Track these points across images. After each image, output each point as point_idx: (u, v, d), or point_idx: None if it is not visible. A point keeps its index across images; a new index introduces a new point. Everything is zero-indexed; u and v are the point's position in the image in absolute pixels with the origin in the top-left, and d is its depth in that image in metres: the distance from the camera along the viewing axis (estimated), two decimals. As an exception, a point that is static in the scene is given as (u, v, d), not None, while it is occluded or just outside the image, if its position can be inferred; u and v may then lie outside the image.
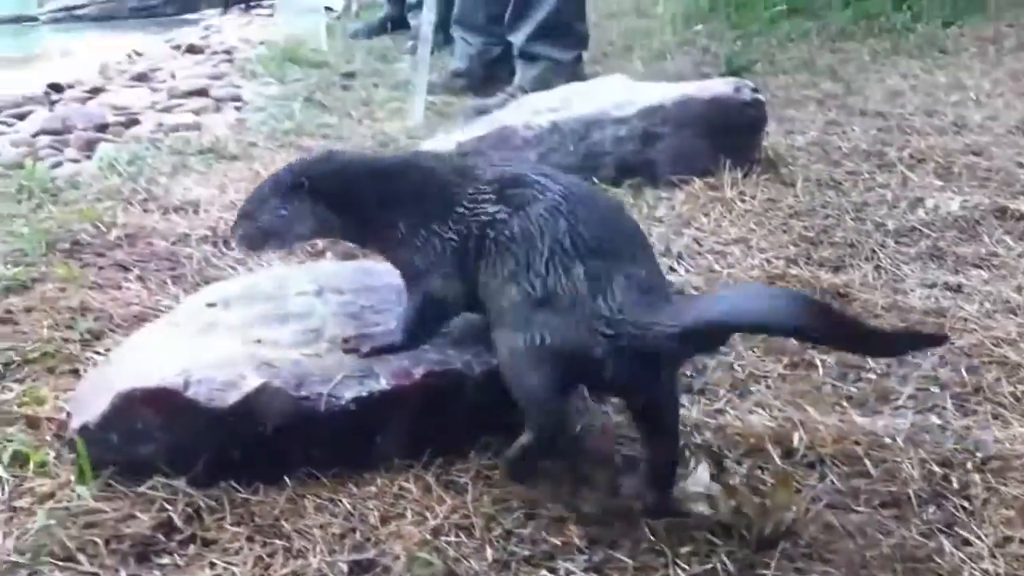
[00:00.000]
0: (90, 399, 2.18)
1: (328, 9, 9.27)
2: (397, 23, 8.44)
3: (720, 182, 3.80)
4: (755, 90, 4.00)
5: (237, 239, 2.33)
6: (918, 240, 3.39)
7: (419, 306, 2.23)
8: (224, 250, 3.35)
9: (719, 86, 4.01)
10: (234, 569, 1.91)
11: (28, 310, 2.91)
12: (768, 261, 3.20)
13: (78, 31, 11.15)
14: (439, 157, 2.46)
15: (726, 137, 3.91)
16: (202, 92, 5.93)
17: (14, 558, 1.92)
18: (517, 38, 5.81)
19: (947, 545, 1.98)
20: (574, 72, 5.70)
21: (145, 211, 3.70)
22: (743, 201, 3.66)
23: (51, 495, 2.09)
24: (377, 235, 2.27)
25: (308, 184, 2.25)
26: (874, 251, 3.27)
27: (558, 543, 1.98)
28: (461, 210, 2.14)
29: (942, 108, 5.09)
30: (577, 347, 1.97)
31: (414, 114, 5.35)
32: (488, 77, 6.16)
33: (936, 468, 2.20)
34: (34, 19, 12.01)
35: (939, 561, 1.94)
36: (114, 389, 2.11)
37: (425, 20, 5.56)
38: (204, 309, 2.42)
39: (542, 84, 5.47)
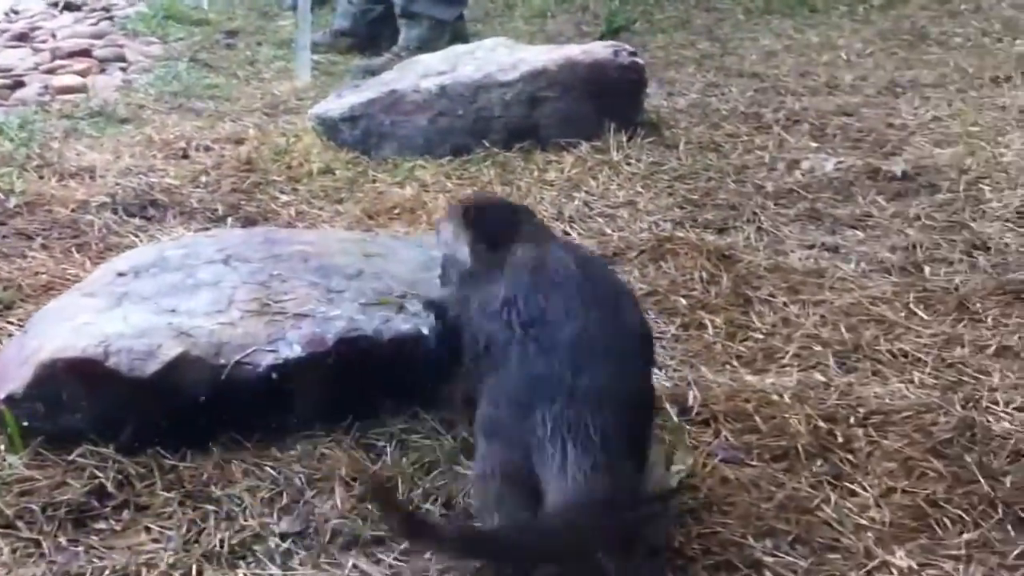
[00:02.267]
0: (12, 370, 2.21)
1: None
2: (275, -22, 8.37)
3: (606, 145, 3.87)
4: (633, 53, 4.08)
5: None
6: (796, 202, 3.49)
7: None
8: (125, 217, 3.39)
9: (599, 49, 4.07)
10: (169, 533, 1.96)
11: (-67, 279, 2.93)
12: (656, 224, 3.30)
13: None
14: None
15: (609, 100, 3.98)
16: (86, 52, 5.85)
17: (-48, 527, 1.96)
18: (398, -3, 5.80)
19: (834, 496, 2.07)
20: (457, 31, 5.73)
21: (41, 178, 3.71)
22: (629, 164, 3.75)
23: (-19, 464, 2.13)
24: None
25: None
26: (755, 213, 3.37)
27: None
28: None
29: (815, 69, 5.21)
30: None
31: (301, 75, 5.37)
32: (372, 36, 6.16)
33: (822, 423, 2.29)
34: (-103, -26, 11.66)
35: (827, 511, 2.03)
36: (35, 359, 2.16)
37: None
38: (115, 279, 2.45)
39: (426, 43, 5.52)
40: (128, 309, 2.30)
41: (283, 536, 1.97)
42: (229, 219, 3.38)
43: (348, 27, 6.24)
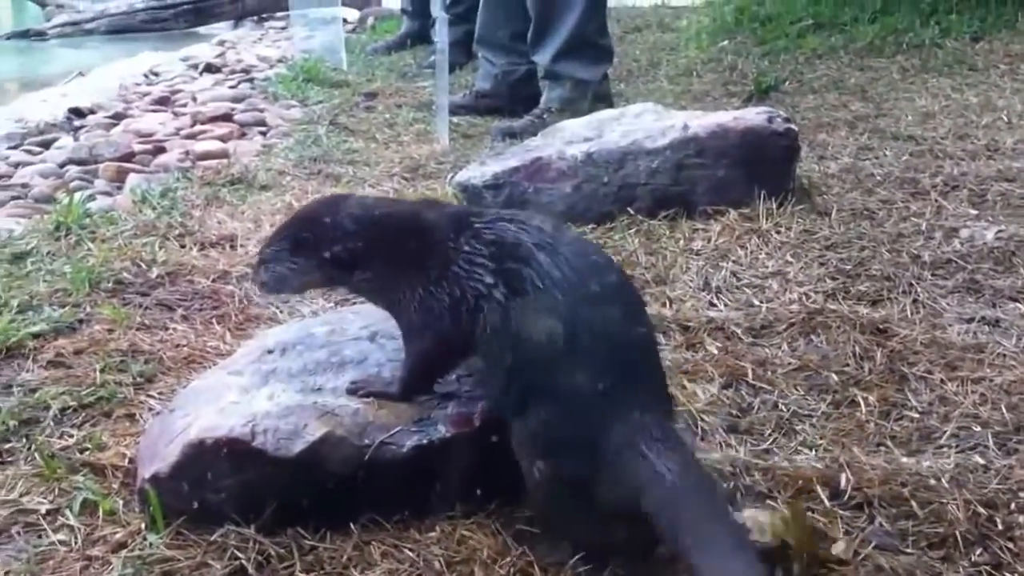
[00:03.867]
0: (158, 448, 2.21)
1: (344, 21, 9.22)
2: (416, 38, 8.44)
3: (755, 213, 3.79)
4: (787, 119, 3.99)
5: (257, 284, 2.40)
6: (954, 272, 3.37)
7: (416, 362, 2.24)
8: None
9: (752, 116, 3.99)
10: None
11: (78, 352, 2.95)
12: (806, 295, 3.21)
13: (88, 46, 11.11)
14: (441, 208, 2.36)
15: (760, 167, 3.89)
16: (227, 117, 5.96)
17: (96, 607, 1.96)
18: (541, 58, 5.78)
19: (994, 587, 1.98)
20: (600, 91, 5.70)
21: (182, 247, 3.74)
22: (779, 232, 3.67)
23: (124, 544, 2.13)
24: (378, 291, 2.29)
25: (312, 239, 2.25)
26: (911, 284, 3.26)
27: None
28: (456, 271, 2.13)
29: (974, 131, 5.03)
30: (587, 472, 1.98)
31: (440, 138, 5.36)
32: (513, 97, 6.16)
33: (981, 509, 2.19)
34: (42, 35, 11.95)
35: (987, 603, 1.93)
36: (183, 438, 2.15)
37: (440, 46, 5.53)
38: (263, 356, 2.44)
39: (568, 104, 5.51)
40: (275, 387, 2.29)
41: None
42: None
43: (489, 88, 6.25)
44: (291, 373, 2.35)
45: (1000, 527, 2.15)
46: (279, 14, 11.79)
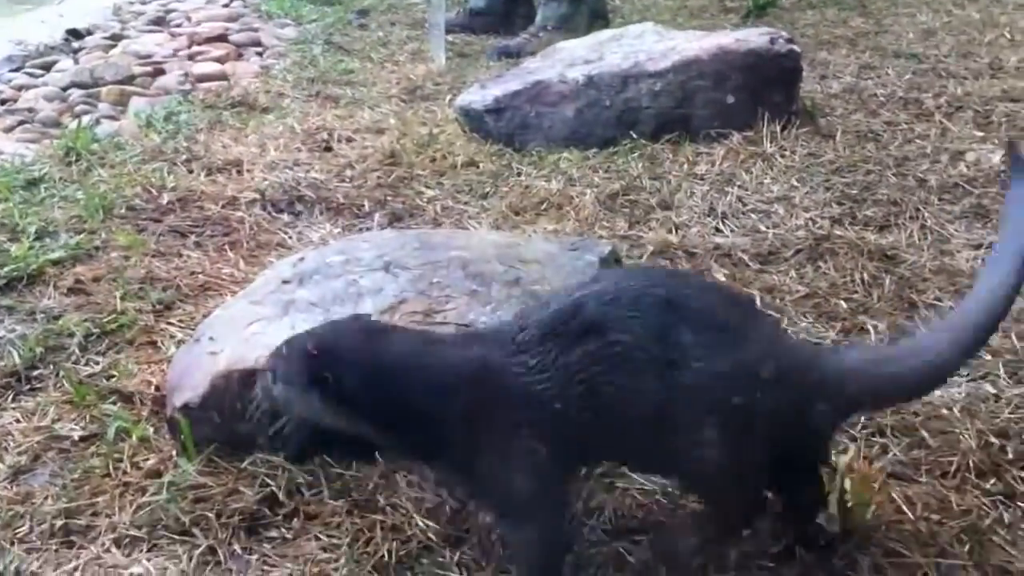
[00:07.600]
0: (185, 378, 2.25)
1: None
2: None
3: (759, 136, 3.77)
4: (790, 40, 3.95)
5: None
6: (961, 197, 3.35)
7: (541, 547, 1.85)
8: (273, 214, 3.40)
9: (754, 37, 3.95)
10: (338, 542, 1.98)
11: (97, 279, 2.98)
12: (813, 221, 3.20)
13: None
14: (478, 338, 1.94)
15: (763, 89, 3.87)
16: (222, 38, 5.97)
17: (132, 532, 2.02)
18: (538, -26, 5.72)
19: (1007, 516, 1.99)
20: (596, 7, 5.68)
21: (190, 172, 3.74)
22: (783, 156, 3.65)
23: (157, 471, 2.18)
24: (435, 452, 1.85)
25: (331, 381, 1.76)
26: (918, 209, 3.25)
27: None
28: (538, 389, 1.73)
29: (977, 49, 5.00)
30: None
31: (436, 57, 5.33)
32: (508, 15, 6.13)
33: (993, 439, 2.20)
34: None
35: (1002, 532, 1.95)
36: (211, 369, 2.20)
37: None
38: (280, 286, 2.46)
39: (564, 21, 5.48)
40: (295, 317, 2.31)
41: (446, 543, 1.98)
42: (376, 215, 3.36)
43: (483, 6, 6.21)
44: (310, 303, 2.36)
45: (1012, 456, 2.15)
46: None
